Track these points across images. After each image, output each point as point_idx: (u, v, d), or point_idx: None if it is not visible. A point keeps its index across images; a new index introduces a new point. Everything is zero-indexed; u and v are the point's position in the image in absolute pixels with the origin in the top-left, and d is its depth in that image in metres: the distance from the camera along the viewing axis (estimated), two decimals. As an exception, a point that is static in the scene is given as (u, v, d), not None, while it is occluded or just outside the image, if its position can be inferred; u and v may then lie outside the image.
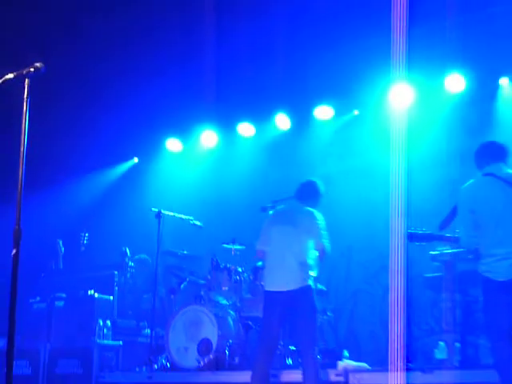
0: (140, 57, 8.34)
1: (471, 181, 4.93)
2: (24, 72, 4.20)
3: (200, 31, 7.57)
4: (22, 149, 4.04)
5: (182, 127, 9.61)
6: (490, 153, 4.99)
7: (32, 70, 4.20)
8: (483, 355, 5.80)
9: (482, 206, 4.74)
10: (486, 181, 4.84)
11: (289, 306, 5.67)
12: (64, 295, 7.84)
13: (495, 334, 4.68)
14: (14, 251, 3.76)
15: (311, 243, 5.77)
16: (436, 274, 6.52)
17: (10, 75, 4.19)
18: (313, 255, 5.78)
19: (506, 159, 4.95)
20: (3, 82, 4.19)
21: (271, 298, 5.77)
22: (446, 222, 5.26)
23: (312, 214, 5.87)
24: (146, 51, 8.27)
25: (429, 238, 5.57)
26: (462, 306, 6.31)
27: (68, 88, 8.29)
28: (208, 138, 9.59)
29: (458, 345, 6.20)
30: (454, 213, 5.09)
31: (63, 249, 8.20)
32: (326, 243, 5.79)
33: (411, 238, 5.50)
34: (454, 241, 5.31)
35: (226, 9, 7.53)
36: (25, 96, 4.17)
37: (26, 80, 4.20)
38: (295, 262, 5.68)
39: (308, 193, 6.06)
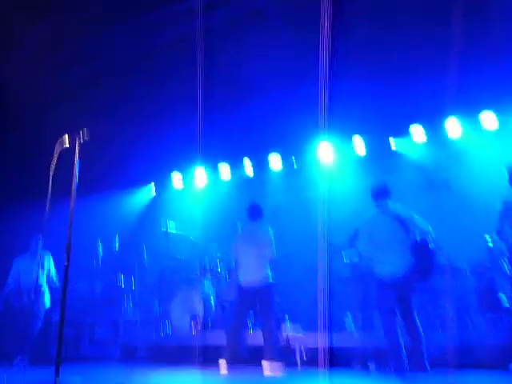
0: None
1: (368, 213, 5.26)
2: (76, 140, 4.44)
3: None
4: (72, 194, 3.99)
5: (183, 165, 9.70)
6: (380, 192, 5.30)
7: (82, 140, 4.43)
8: (376, 322, 6.01)
9: (374, 230, 5.08)
10: (377, 213, 5.19)
11: (257, 295, 5.81)
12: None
13: (382, 315, 4.99)
14: (66, 263, 3.81)
15: (266, 253, 5.91)
16: (346, 273, 6.88)
17: (67, 144, 4.43)
18: (267, 261, 5.91)
19: (390, 196, 5.27)
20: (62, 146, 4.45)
21: (244, 290, 5.90)
22: (353, 240, 5.43)
23: (267, 230, 6.01)
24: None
25: (341, 251, 5.95)
26: (363, 292, 6.56)
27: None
28: (200, 175, 9.62)
29: (360, 317, 6.54)
30: (356, 234, 5.33)
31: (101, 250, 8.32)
32: (274, 253, 5.92)
33: (331, 250, 5.85)
34: (357, 252, 5.68)
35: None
36: (76, 158, 4.39)
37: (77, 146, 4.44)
38: (259, 265, 5.85)
39: (255, 212, 6.18)
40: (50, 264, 7.23)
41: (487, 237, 5.86)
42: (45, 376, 3.83)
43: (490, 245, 5.13)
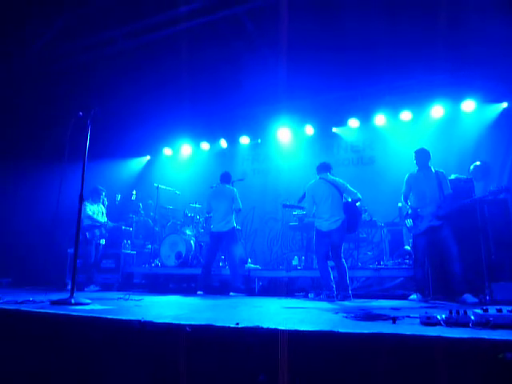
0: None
1: (312, 181, 5.17)
2: (88, 113, 4.15)
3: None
4: (83, 161, 3.96)
5: (173, 141, 9.21)
6: (323, 167, 5.22)
7: (93, 112, 4.15)
8: (315, 264, 6.14)
9: (317, 194, 5.02)
10: (320, 181, 5.11)
11: (224, 238, 5.77)
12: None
13: (319, 257, 4.96)
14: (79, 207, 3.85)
15: (233, 205, 5.85)
16: (295, 223, 6.85)
17: (80, 113, 4.14)
18: (233, 211, 5.87)
19: (331, 171, 5.22)
20: (77, 118, 4.14)
21: (214, 235, 5.86)
22: (301, 199, 5.35)
23: (232, 190, 5.95)
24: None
25: (292, 207, 5.87)
26: (306, 239, 6.60)
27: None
28: (185, 149, 9.25)
29: (303, 258, 6.62)
30: (304, 195, 5.23)
31: (106, 202, 7.69)
32: (240, 204, 5.87)
33: (284, 206, 5.76)
34: (303, 209, 5.62)
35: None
36: (88, 128, 4.12)
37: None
38: (226, 216, 5.80)
39: (225, 178, 6.09)
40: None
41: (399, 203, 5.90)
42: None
43: (400, 205, 5.18)
